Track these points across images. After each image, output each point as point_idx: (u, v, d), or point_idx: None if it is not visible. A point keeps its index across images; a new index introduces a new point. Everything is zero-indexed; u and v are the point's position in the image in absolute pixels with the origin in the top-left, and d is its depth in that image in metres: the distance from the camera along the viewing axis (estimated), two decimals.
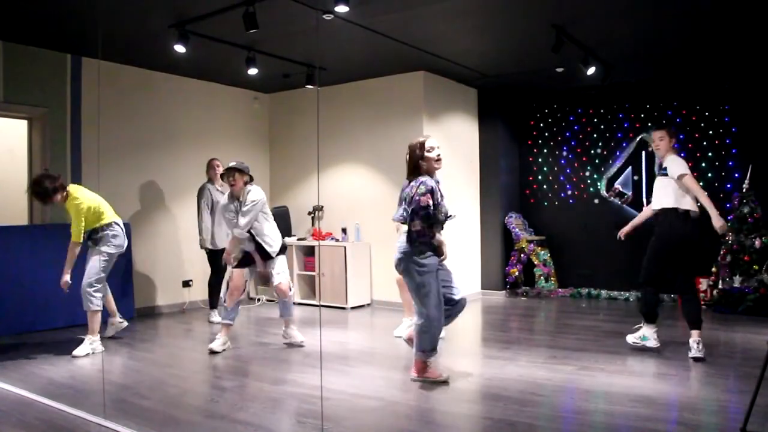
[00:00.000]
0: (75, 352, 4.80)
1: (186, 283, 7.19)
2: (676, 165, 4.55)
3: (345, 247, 7.08)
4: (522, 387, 3.88)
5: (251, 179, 5.09)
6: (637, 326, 4.84)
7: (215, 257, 6.21)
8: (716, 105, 7.17)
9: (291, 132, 8.18)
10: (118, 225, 5.16)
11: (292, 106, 8.18)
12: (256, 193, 5.00)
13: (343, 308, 7.07)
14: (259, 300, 7.72)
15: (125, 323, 5.49)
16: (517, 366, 4.41)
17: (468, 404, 3.69)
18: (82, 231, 4.90)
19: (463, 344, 5.51)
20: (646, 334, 4.73)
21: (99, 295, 4.96)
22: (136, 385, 4.05)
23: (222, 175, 5.52)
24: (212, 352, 4.91)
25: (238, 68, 6.33)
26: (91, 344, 4.88)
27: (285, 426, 3.27)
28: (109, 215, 5.11)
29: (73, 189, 5.00)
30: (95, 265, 4.99)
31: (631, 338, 4.81)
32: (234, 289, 5.05)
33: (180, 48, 5.38)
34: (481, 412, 3.51)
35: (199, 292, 7.17)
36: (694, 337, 4.50)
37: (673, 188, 4.58)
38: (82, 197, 4.94)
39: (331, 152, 7.73)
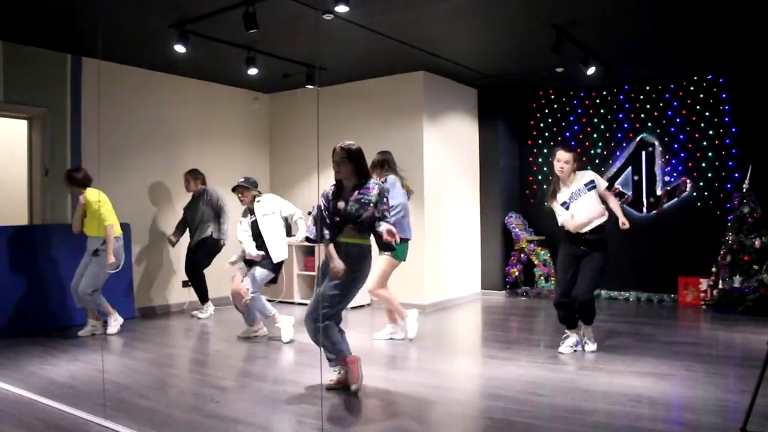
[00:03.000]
0: (109, 330, 5.48)
1: (186, 283, 7.17)
2: (598, 178, 4.82)
3: None
4: (522, 387, 3.88)
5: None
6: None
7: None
8: (716, 105, 7.17)
9: (291, 132, 8.18)
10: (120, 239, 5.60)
11: (292, 106, 8.18)
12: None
13: None
14: None
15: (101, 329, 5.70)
16: (517, 366, 4.41)
17: (468, 404, 3.69)
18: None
19: (463, 344, 5.52)
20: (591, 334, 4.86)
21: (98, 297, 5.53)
22: (136, 385, 4.05)
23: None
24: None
25: (238, 68, 6.33)
26: (115, 320, 5.58)
27: (285, 426, 3.27)
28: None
29: (93, 191, 5.51)
30: (100, 275, 5.42)
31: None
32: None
33: (180, 48, 5.38)
34: (481, 412, 3.51)
35: None
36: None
37: (598, 203, 4.72)
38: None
39: (331, 152, 7.72)
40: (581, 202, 4.71)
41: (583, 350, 4.81)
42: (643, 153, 7.57)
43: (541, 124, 8.36)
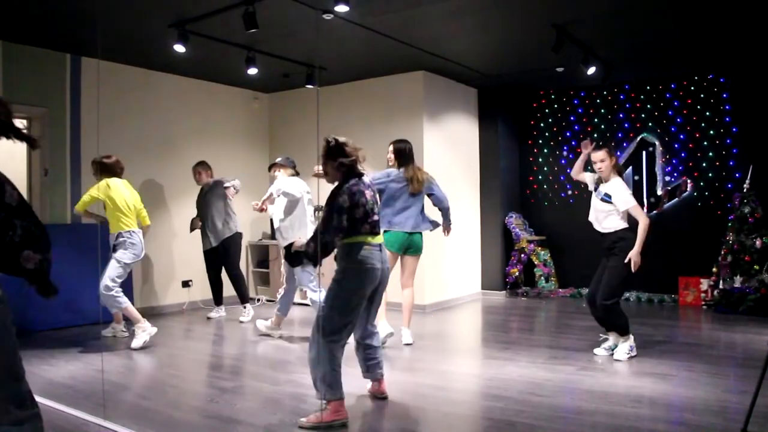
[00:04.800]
0: (133, 345, 5.05)
1: (186, 283, 7.19)
2: (621, 199, 4.52)
3: None
4: (522, 387, 3.88)
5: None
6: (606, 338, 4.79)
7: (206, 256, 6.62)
8: (717, 105, 7.16)
9: (291, 132, 8.17)
10: (137, 234, 5.34)
11: (292, 106, 8.18)
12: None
13: None
14: (259, 300, 7.72)
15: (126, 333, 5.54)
16: (517, 366, 4.41)
17: (468, 404, 3.69)
18: (82, 205, 5.28)
19: (463, 344, 5.51)
20: (624, 345, 4.63)
21: (120, 295, 5.13)
22: (136, 385, 4.04)
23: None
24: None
25: (238, 68, 6.33)
26: (143, 332, 5.12)
27: (285, 426, 3.27)
28: (131, 223, 5.31)
29: (112, 181, 5.32)
30: (113, 269, 5.14)
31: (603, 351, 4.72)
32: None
33: (180, 48, 5.38)
34: (481, 412, 3.50)
35: (199, 292, 7.17)
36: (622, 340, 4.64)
37: (617, 212, 4.57)
38: (115, 189, 5.27)
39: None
40: (594, 203, 4.71)
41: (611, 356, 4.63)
42: (644, 153, 7.57)
43: (541, 124, 8.36)
